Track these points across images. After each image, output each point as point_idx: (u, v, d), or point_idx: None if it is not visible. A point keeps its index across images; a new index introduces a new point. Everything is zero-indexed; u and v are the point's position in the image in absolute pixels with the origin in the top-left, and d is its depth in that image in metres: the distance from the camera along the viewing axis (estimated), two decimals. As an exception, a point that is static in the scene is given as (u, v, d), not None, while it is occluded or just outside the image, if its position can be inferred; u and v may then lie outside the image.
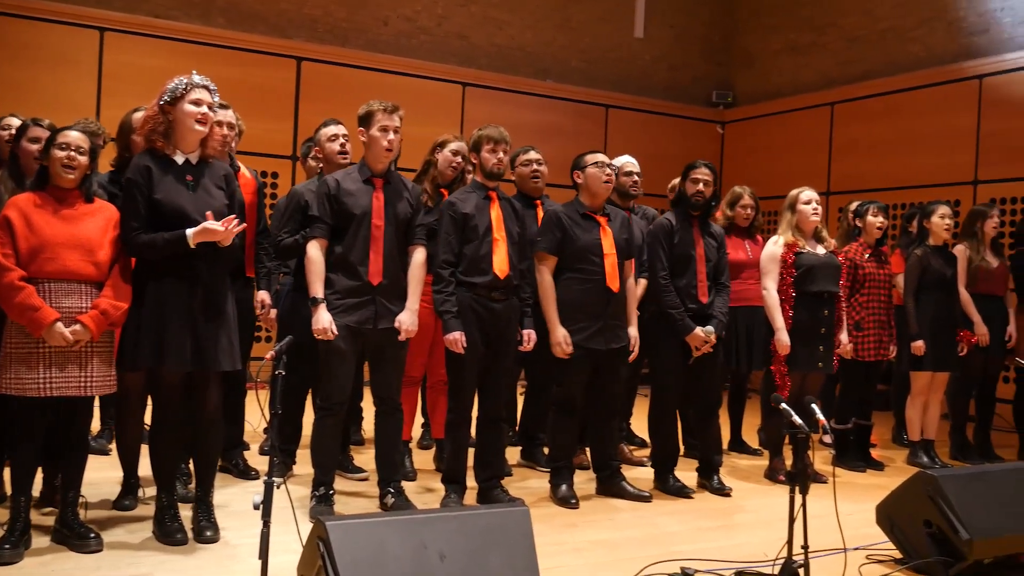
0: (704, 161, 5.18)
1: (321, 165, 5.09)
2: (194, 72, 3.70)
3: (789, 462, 3.81)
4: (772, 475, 5.46)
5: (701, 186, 5.05)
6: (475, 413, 4.58)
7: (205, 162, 3.74)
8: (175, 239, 3.54)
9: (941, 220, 5.95)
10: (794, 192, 5.44)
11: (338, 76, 9.16)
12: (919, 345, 5.84)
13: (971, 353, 6.11)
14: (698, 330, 4.90)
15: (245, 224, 3.77)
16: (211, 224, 3.52)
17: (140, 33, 8.40)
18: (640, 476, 5.24)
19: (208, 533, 3.72)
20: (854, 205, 6.21)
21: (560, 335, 4.55)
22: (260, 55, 8.86)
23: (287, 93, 9.03)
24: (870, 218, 5.87)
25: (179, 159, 3.67)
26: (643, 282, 5.34)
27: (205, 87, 3.67)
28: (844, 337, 5.56)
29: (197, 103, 3.62)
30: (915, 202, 8.37)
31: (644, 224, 5.55)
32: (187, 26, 8.61)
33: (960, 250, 6.24)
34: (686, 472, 5.23)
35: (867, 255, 5.88)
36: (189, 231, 3.53)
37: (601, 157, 4.77)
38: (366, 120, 4.21)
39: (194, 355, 3.60)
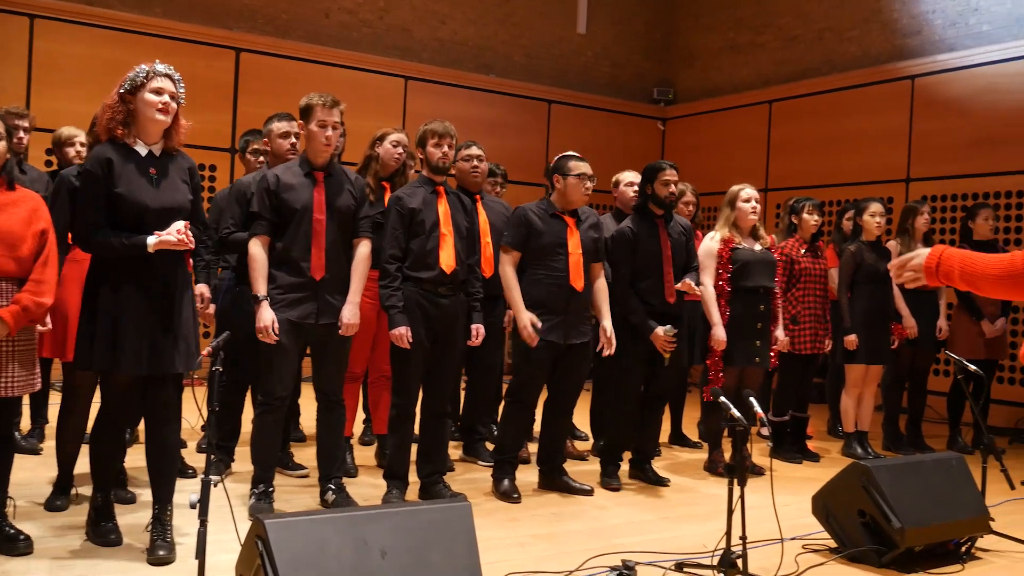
0: (668, 162, 5.23)
1: (262, 159, 5.01)
2: (157, 61, 3.55)
3: (728, 455, 3.86)
4: (712, 467, 5.54)
5: (673, 187, 5.11)
6: (418, 408, 4.56)
7: (169, 154, 3.56)
8: (135, 246, 3.36)
9: (872, 217, 6.08)
10: (734, 189, 5.51)
11: (278, 68, 9.04)
12: (852, 339, 5.96)
13: (902, 346, 6.27)
14: (659, 330, 4.93)
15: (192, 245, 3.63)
16: (168, 238, 3.35)
17: (73, 21, 8.18)
18: (582, 470, 5.27)
19: (161, 552, 3.42)
20: (791, 202, 6.32)
21: (526, 318, 4.55)
22: (198, 45, 8.70)
23: (225, 84, 8.88)
24: (805, 215, 5.98)
25: (142, 150, 3.49)
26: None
27: (168, 76, 3.49)
28: (780, 333, 5.65)
29: (158, 92, 3.44)
30: (850, 198, 8.55)
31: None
32: (123, 14, 8.41)
33: (893, 245, 6.40)
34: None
35: (803, 250, 5.98)
36: (150, 240, 3.35)
37: (584, 168, 4.78)
38: (306, 114, 4.16)
39: (150, 357, 3.42)
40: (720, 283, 5.33)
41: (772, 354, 5.53)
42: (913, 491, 3.86)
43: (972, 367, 4.82)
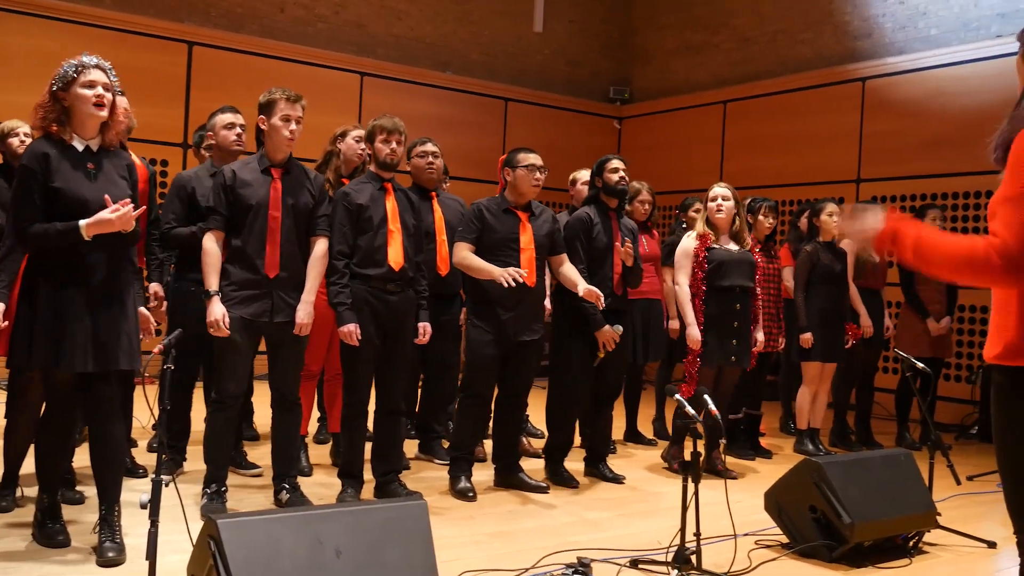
0: (614, 155, 5.26)
1: (210, 153, 4.94)
2: (84, 53, 3.48)
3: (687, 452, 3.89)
4: (668, 459, 5.56)
5: (622, 172, 5.13)
6: (373, 407, 4.54)
7: (106, 150, 3.49)
8: (68, 231, 3.27)
9: (829, 217, 6.16)
10: (711, 187, 5.53)
11: (232, 62, 8.92)
12: (807, 337, 6.04)
13: (854, 344, 6.37)
14: (607, 328, 4.95)
15: (144, 208, 3.55)
16: (104, 214, 3.27)
17: (20, 12, 7.99)
18: (538, 467, 5.28)
19: (111, 554, 3.35)
20: (747, 202, 6.38)
21: (500, 271, 4.49)
22: (150, 38, 8.56)
23: (178, 78, 8.75)
24: (761, 216, 6.04)
25: (79, 146, 3.41)
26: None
27: (99, 67, 3.40)
28: (759, 334, 5.63)
29: (91, 85, 3.35)
30: (803, 198, 8.68)
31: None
32: (72, 6, 8.24)
33: (848, 245, 6.49)
34: (574, 463, 5.30)
35: (757, 250, 6.05)
36: (82, 222, 3.27)
37: (534, 159, 4.78)
38: (267, 108, 4.11)
39: (93, 354, 3.34)
40: (695, 282, 5.32)
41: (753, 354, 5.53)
42: (863, 487, 3.92)
43: (921, 365, 4.91)
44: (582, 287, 4.67)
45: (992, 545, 4.22)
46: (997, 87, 8.05)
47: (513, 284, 4.45)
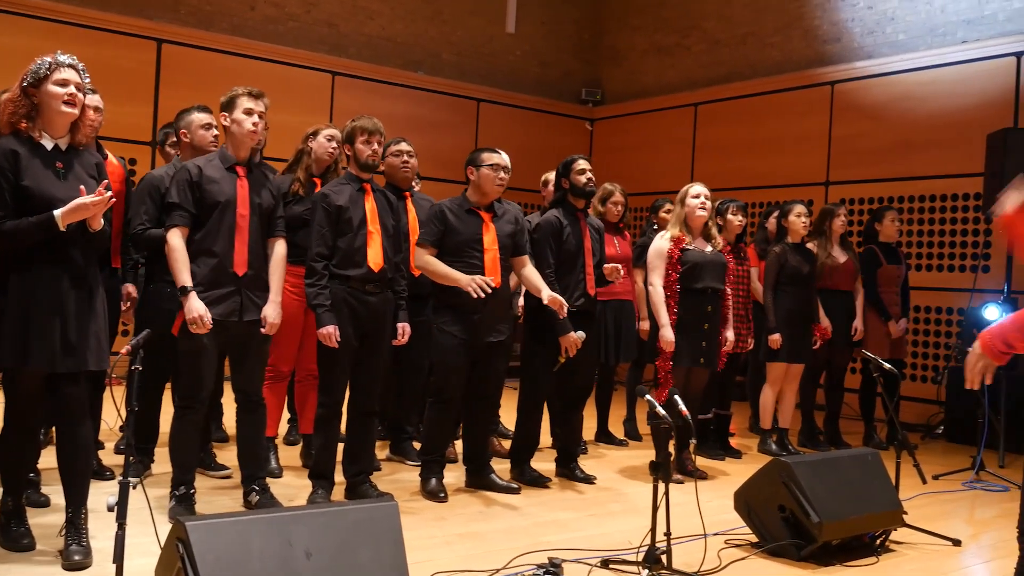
0: (580, 155, 5.27)
1: (177, 152, 4.89)
2: (59, 51, 3.44)
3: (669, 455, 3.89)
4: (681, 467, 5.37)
5: (589, 173, 5.13)
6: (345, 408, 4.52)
7: (75, 149, 3.44)
8: (43, 223, 3.21)
9: (798, 219, 6.21)
10: (685, 187, 5.50)
11: (201, 60, 8.85)
12: (776, 339, 6.09)
13: (821, 345, 6.43)
14: (571, 334, 4.94)
15: (114, 199, 3.49)
16: (82, 199, 3.21)
17: (-16, 7, 7.89)
18: (509, 468, 5.27)
19: (77, 557, 3.30)
20: (716, 203, 6.42)
21: (467, 278, 4.48)
22: (118, 35, 8.47)
23: (146, 76, 8.66)
24: (730, 216, 6.07)
25: (47, 144, 3.36)
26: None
27: (72, 67, 3.37)
28: (730, 334, 5.64)
29: (63, 83, 3.31)
30: (773, 200, 8.75)
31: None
32: (39, 2, 8.12)
33: (812, 247, 6.55)
34: (546, 463, 5.30)
35: (728, 251, 6.08)
36: (57, 212, 3.21)
37: (498, 159, 4.77)
38: (229, 105, 4.07)
39: (63, 354, 3.29)
40: (669, 283, 5.30)
41: (722, 355, 5.54)
42: (831, 486, 3.96)
43: (887, 366, 4.97)
44: (546, 294, 4.68)
45: (957, 543, 4.28)
46: (963, 92, 8.18)
47: (482, 295, 4.45)
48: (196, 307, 3.86)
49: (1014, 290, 7.52)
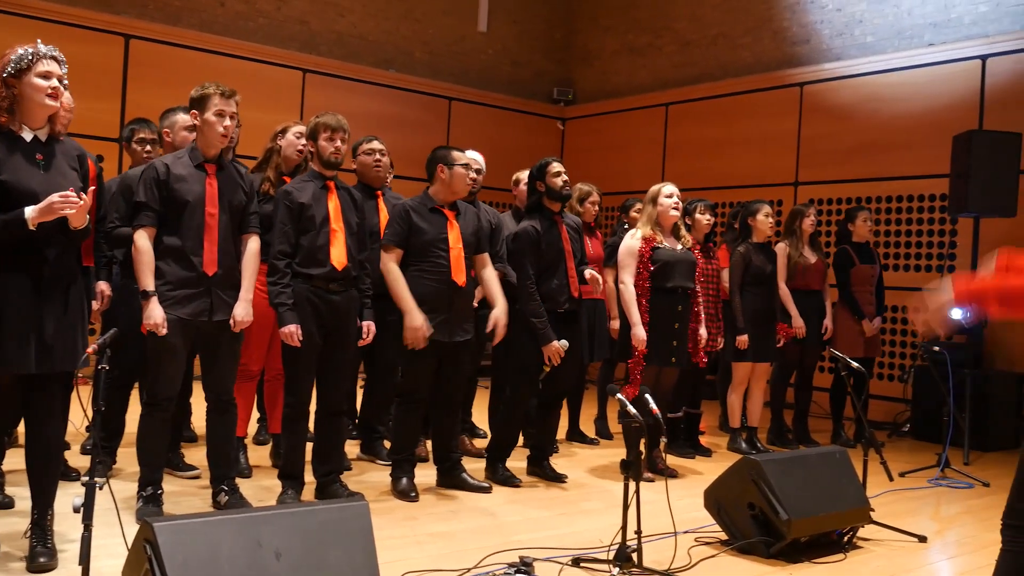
0: (553, 157, 5.25)
1: (149, 149, 4.83)
2: (39, 41, 3.36)
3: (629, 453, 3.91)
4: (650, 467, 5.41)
5: (564, 176, 5.12)
6: (314, 407, 4.49)
7: (55, 139, 3.37)
8: (12, 221, 3.12)
9: (765, 218, 6.26)
10: (656, 187, 5.50)
11: (169, 56, 8.75)
12: (743, 339, 6.12)
13: (788, 344, 6.49)
14: (555, 343, 4.94)
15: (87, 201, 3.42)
16: (51, 198, 3.12)
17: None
18: (481, 467, 5.27)
19: (42, 559, 3.25)
20: (684, 203, 6.45)
21: (418, 319, 4.49)
22: (85, 30, 8.35)
23: (114, 71, 8.56)
24: (698, 215, 6.10)
25: (27, 136, 3.28)
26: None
27: (55, 58, 3.29)
28: (703, 331, 5.63)
29: (46, 76, 3.24)
30: (742, 200, 8.79)
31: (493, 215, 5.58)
32: (2, -4, 8.02)
33: (781, 247, 6.61)
34: (517, 462, 5.30)
35: (697, 250, 6.11)
36: (28, 210, 3.12)
37: (469, 158, 4.75)
38: (200, 103, 4.03)
39: (37, 355, 3.22)
40: (640, 282, 5.31)
41: (700, 352, 5.55)
42: (799, 484, 4.00)
43: (855, 364, 5.02)
44: (498, 309, 4.75)
45: (923, 539, 4.34)
46: (929, 94, 8.28)
47: (417, 348, 4.49)
48: (154, 313, 3.82)
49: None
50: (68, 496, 2.98)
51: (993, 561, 2.58)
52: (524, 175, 5.92)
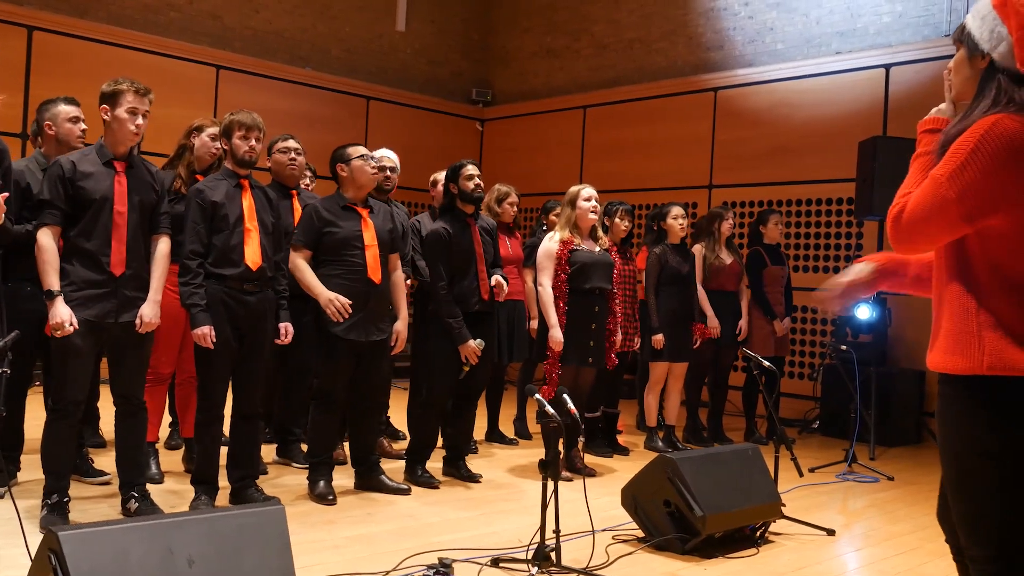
0: (468, 160, 5.25)
1: (37, 145, 4.66)
2: None
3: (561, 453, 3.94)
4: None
5: (477, 179, 5.12)
6: (228, 411, 4.40)
7: None
8: None
9: (675, 220, 6.36)
10: (574, 189, 5.55)
11: (75, 49, 8.47)
12: (659, 339, 6.21)
13: (704, 344, 6.61)
14: (471, 342, 4.95)
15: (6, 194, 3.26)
16: None
17: None
18: (399, 469, 5.24)
19: None
20: (604, 205, 6.52)
21: (329, 294, 4.45)
22: (-16, 21, 8.04)
23: (16, 64, 8.23)
24: (617, 219, 6.18)
25: None
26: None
27: None
28: (619, 335, 5.68)
29: None
30: (659, 202, 8.93)
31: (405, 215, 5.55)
32: None
33: (698, 249, 6.74)
34: (433, 462, 5.29)
35: (615, 252, 6.18)
36: None
37: (364, 150, 4.73)
38: (112, 98, 3.90)
39: None
40: (558, 284, 5.34)
41: (611, 355, 5.59)
42: (713, 481, 4.08)
43: (767, 363, 5.15)
44: (400, 323, 4.83)
45: (831, 533, 4.47)
46: (836, 100, 8.55)
47: (340, 318, 4.44)
48: (60, 312, 3.70)
49: (883, 291, 7.88)
50: (-34, 506, 2.86)
51: (897, 552, 2.66)
52: (442, 176, 5.91)
